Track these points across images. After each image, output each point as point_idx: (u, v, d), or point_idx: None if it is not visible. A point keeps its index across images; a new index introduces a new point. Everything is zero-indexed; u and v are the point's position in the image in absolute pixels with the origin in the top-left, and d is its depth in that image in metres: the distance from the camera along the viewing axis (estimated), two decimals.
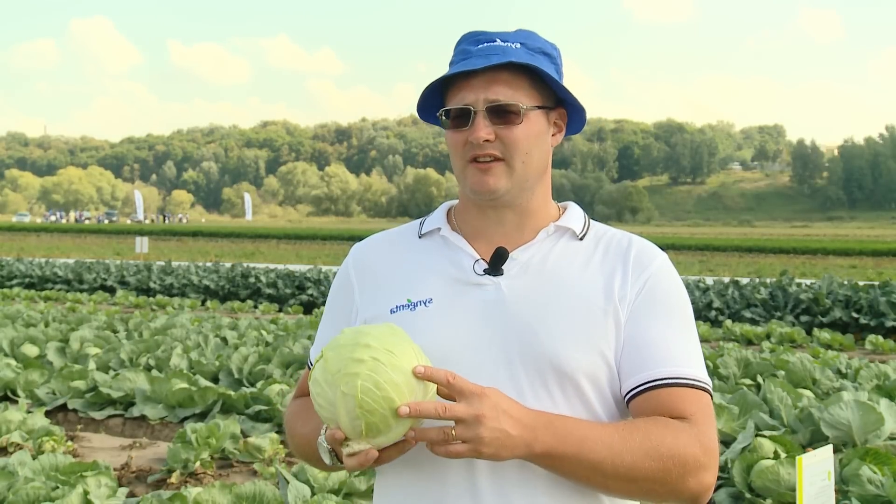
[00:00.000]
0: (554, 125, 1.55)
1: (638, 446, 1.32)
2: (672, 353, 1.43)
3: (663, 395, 1.40)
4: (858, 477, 4.30)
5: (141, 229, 59.01)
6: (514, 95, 1.45)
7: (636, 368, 1.43)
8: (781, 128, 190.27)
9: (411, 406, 1.24)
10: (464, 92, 1.46)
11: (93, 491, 4.24)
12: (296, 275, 18.29)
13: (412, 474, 1.45)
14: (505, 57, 1.44)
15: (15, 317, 11.44)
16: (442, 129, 1.53)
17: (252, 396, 6.69)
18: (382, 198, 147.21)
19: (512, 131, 1.45)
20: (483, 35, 1.50)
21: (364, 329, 1.34)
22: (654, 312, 1.46)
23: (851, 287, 14.80)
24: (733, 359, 7.70)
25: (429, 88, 1.51)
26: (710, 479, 1.38)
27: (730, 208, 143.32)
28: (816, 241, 52.16)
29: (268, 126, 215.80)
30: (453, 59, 1.52)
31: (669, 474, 1.33)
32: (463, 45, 1.51)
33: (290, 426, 1.60)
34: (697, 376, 1.43)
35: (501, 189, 1.47)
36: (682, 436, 1.35)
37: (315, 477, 4.35)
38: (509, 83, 1.45)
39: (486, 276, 1.49)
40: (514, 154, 1.46)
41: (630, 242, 1.53)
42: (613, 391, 1.45)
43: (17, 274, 21.00)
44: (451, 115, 1.48)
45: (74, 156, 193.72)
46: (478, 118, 1.45)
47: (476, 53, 1.46)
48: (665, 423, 1.36)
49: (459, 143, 1.48)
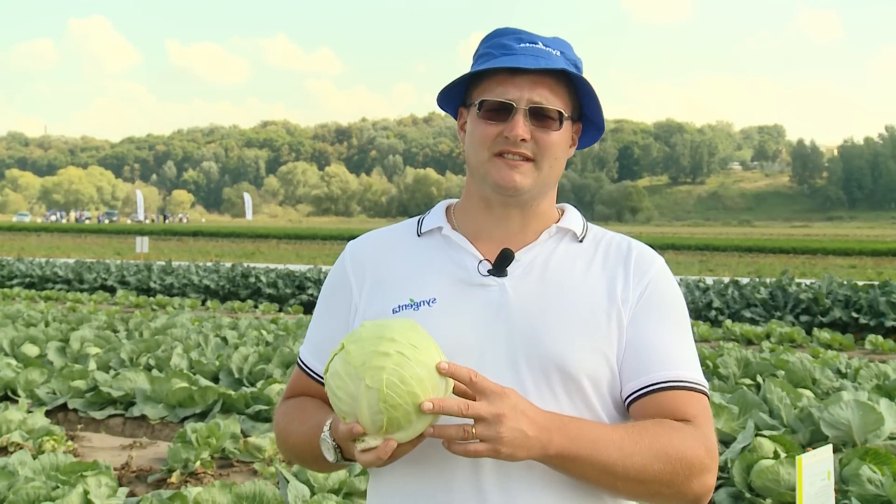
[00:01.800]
0: (571, 138, 1.56)
1: (647, 448, 1.33)
2: (672, 356, 1.44)
3: (665, 398, 1.41)
4: (858, 477, 4.30)
5: (141, 229, 59.04)
6: (555, 101, 1.47)
7: (637, 372, 1.44)
8: (781, 128, 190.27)
9: (435, 402, 1.23)
10: (507, 87, 1.46)
11: (93, 491, 4.25)
12: (296, 275, 18.29)
13: (415, 476, 1.44)
14: (554, 63, 1.45)
15: (15, 316, 11.44)
16: (442, 129, 1.53)
17: (252, 396, 6.69)
18: (382, 198, 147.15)
19: (549, 135, 1.46)
20: (525, 34, 1.49)
21: (386, 323, 1.33)
22: (654, 317, 1.47)
23: (851, 287, 14.80)
24: (733, 359, 7.70)
25: (463, 76, 1.50)
26: (712, 481, 1.40)
27: (730, 208, 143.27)
28: (816, 241, 52.16)
29: (268, 126, 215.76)
30: (489, 50, 1.50)
31: (677, 476, 1.34)
32: (502, 39, 1.50)
33: (284, 426, 1.58)
34: (697, 379, 1.45)
35: (526, 187, 1.47)
36: (688, 438, 1.37)
37: (315, 477, 4.35)
38: (552, 89, 1.47)
39: (490, 277, 1.49)
40: (545, 157, 1.47)
41: (630, 246, 1.55)
42: (613, 394, 1.46)
43: (18, 274, 21.00)
44: (487, 107, 1.47)
45: (75, 156, 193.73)
46: (518, 116, 1.45)
47: (521, 52, 1.46)
48: (671, 425, 1.38)
49: (490, 135, 1.47)
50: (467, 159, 1.55)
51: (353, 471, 4.49)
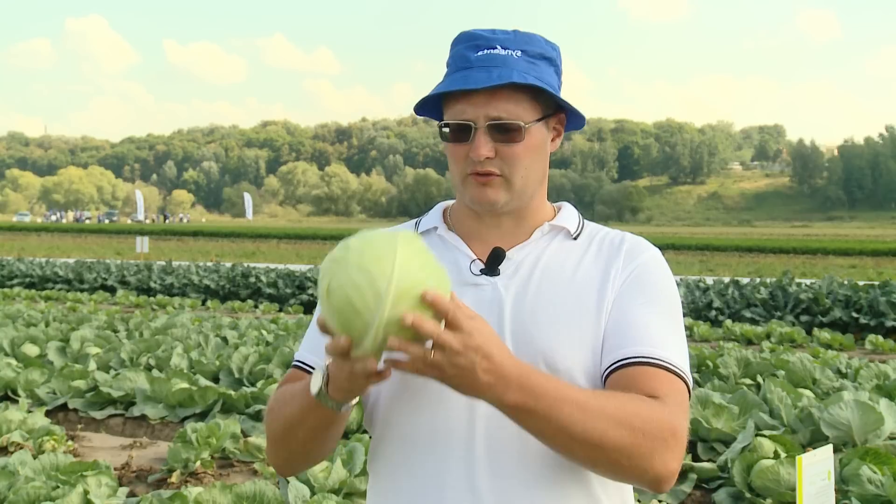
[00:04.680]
0: (553, 130, 1.54)
1: (611, 414, 1.29)
2: (652, 336, 1.41)
3: (636, 372, 1.38)
4: (858, 477, 4.31)
5: (141, 229, 59.08)
6: (515, 111, 1.43)
7: (613, 347, 1.41)
8: (781, 128, 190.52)
9: (415, 319, 1.18)
10: (463, 105, 1.44)
11: (93, 490, 4.25)
12: (296, 275, 18.29)
13: (409, 476, 1.44)
14: (507, 74, 1.41)
15: (15, 316, 11.44)
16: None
17: (252, 396, 6.70)
18: (382, 198, 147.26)
19: (513, 148, 1.44)
20: (482, 39, 1.46)
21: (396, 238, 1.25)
22: (637, 297, 1.45)
23: (851, 287, 14.80)
24: (733, 358, 7.70)
25: (423, 100, 1.49)
26: (676, 464, 1.34)
27: (730, 208, 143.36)
28: (816, 241, 52.22)
29: (268, 126, 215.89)
30: (451, 61, 1.49)
31: (638, 447, 1.29)
32: (460, 47, 1.48)
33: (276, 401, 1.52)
34: (674, 361, 1.40)
35: (501, 202, 1.47)
36: (655, 412, 1.32)
37: (315, 476, 4.36)
38: (511, 98, 1.43)
39: (482, 277, 1.49)
40: (515, 170, 1.46)
41: (623, 238, 1.54)
42: (602, 385, 1.45)
43: (18, 273, 21.01)
44: (451, 129, 1.47)
45: (75, 155, 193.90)
46: (479, 135, 1.43)
47: (476, 63, 1.44)
48: (640, 398, 1.34)
49: (460, 156, 1.47)
50: (450, 175, 1.55)
51: (353, 471, 4.50)
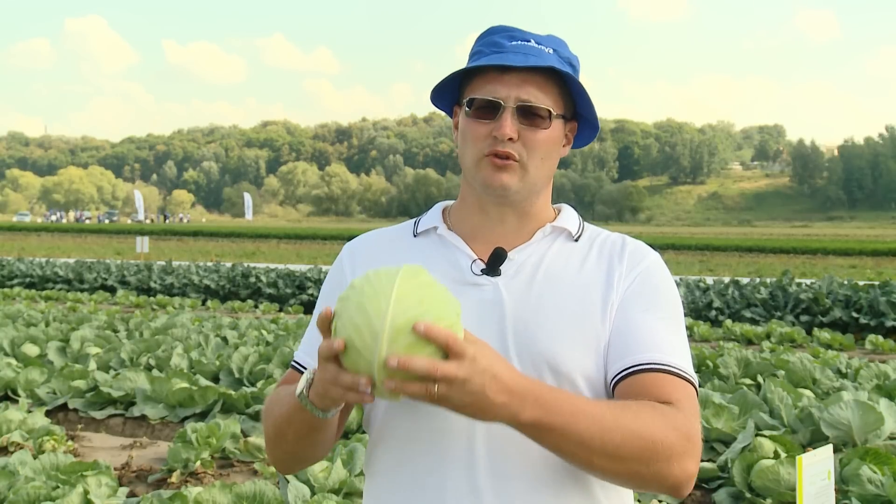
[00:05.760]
0: (565, 136, 1.55)
1: (627, 425, 1.29)
2: (658, 342, 1.42)
3: (647, 379, 1.38)
4: (858, 477, 4.31)
5: (141, 229, 59.06)
6: (544, 99, 1.45)
7: (621, 354, 1.41)
8: (781, 128, 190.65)
9: (401, 359, 1.14)
10: (495, 85, 1.45)
11: (93, 490, 4.25)
12: (296, 274, 18.29)
13: (408, 476, 1.43)
14: (543, 60, 1.44)
15: (15, 316, 11.44)
16: (442, 128, 1.52)
17: (252, 396, 6.70)
18: (382, 198, 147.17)
19: (536, 134, 1.45)
20: (517, 32, 1.49)
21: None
22: (642, 303, 1.45)
23: (851, 287, 14.79)
24: (733, 358, 7.70)
25: (452, 75, 1.50)
26: (694, 469, 1.35)
27: (730, 208, 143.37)
28: (816, 241, 52.23)
29: (268, 126, 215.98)
30: (482, 48, 1.50)
31: (657, 456, 1.30)
32: (494, 37, 1.50)
33: (271, 401, 1.52)
34: (682, 367, 1.41)
35: (513, 187, 1.47)
36: (670, 419, 1.33)
37: (315, 476, 4.36)
38: (541, 87, 1.45)
39: (483, 277, 1.48)
40: (533, 156, 1.46)
41: (624, 242, 1.54)
42: (609, 389, 1.45)
43: (18, 273, 21.00)
44: (476, 105, 1.47)
45: (75, 155, 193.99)
46: (506, 114, 1.44)
47: (511, 49, 1.46)
48: (653, 405, 1.34)
49: (481, 134, 1.47)
50: (461, 159, 1.54)
51: (353, 471, 4.50)
